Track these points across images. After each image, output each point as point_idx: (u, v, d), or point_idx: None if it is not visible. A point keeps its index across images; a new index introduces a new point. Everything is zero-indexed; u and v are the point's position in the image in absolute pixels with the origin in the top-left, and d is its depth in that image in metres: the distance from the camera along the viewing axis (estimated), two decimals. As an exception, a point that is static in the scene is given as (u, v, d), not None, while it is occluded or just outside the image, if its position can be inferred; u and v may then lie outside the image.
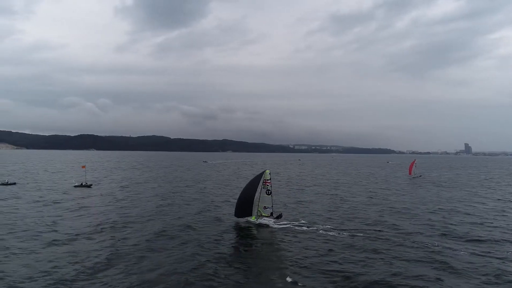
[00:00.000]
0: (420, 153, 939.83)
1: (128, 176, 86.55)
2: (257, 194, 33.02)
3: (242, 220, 34.02)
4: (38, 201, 44.63)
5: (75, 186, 60.20)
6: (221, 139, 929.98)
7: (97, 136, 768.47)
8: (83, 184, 61.16)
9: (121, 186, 62.93)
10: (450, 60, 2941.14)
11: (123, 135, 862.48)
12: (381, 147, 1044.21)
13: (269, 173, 33.37)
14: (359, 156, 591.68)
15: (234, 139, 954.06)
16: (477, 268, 21.71)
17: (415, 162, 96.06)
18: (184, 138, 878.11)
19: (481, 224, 34.76)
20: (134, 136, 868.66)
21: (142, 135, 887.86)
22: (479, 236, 29.48)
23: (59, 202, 44.52)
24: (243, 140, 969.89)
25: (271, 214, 33.35)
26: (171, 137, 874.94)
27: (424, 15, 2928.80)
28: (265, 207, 33.43)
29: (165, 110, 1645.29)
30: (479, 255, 24.39)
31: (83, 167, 72.50)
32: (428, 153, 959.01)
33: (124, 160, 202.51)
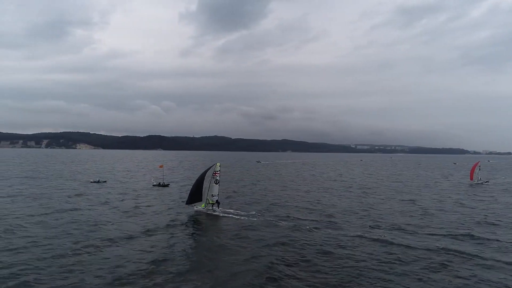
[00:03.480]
0: (500, 153, 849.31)
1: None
2: (205, 184, 36.39)
3: (192, 209, 36.83)
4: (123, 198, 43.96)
5: (154, 185, 59.58)
6: (280, 139, 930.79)
7: (163, 136, 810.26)
8: (161, 183, 60.30)
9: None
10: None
11: (187, 135, 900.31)
12: (452, 147, 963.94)
13: (219, 166, 36.97)
14: (426, 156, 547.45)
15: (293, 139, 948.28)
16: None
17: (479, 164, 75.12)
18: (244, 138, 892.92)
19: None
20: (197, 136, 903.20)
21: (205, 135, 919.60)
22: None
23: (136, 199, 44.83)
24: (302, 140, 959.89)
25: (217, 201, 36.63)
26: (232, 137, 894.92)
27: (503, 1, 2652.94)
28: (212, 195, 36.60)
29: (224, 111, 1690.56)
30: None
31: (161, 166, 72.06)
32: (510, 153, 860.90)
33: (190, 160, 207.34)
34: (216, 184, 36.67)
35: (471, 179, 74.07)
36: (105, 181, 65.78)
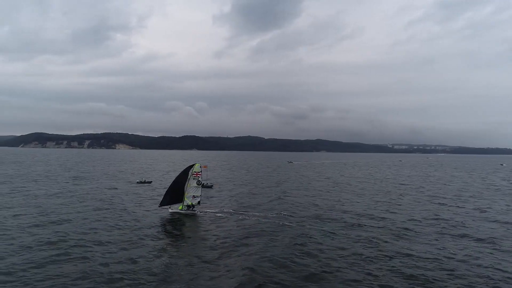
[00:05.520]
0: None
1: (233, 176, 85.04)
2: (186, 185, 35.70)
3: (167, 211, 35.70)
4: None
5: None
6: (314, 139, 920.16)
7: (198, 136, 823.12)
8: (206, 184, 59.44)
9: (239, 185, 60.15)
10: None
11: (220, 135, 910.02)
12: (499, 147, 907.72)
13: (199, 166, 36.86)
14: (469, 157, 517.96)
15: (327, 139, 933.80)
16: None
17: None
18: (277, 138, 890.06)
19: None
20: (231, 136, 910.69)
21: (238, 135, 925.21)
22: None
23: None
24: (337, 140, 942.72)
25: (199, 202, 36.27)
26: (265, 137, 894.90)
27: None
28: (194, 197, 35.98)
29: (257, 111, 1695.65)
30: None
31: (205, 167, 70.95)
32: None
33: (224, 159, 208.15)
34: (199, 185, 36.37)
35: None
36: (150, 182, 66.19)
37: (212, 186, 59.90)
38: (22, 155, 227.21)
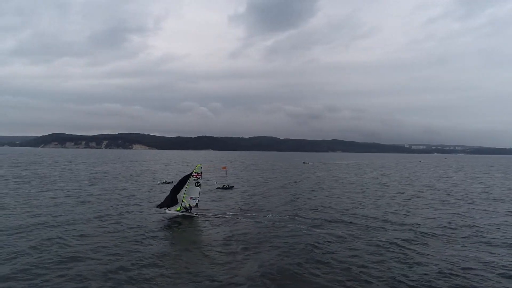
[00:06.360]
0: None
1: (247, 176, 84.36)
2: (183, 188, 34.81)
3: (163, 211, 35.05)
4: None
5: (217, 188, 58.63)
6: (330, 139, 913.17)
7: (213, 137, 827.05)
8: (225, 186, 59.30)
9: (251, 186, 59.50)
10: None
11: (235, 136, 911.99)
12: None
13: (201, 167, 35.34)
14: (490, 157, 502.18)
15: (343, 139, 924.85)
16: None
17: None
18: (292, 138, 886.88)
19: None
20: (246, 137, 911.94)
21: (253, 135, 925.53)
22: None
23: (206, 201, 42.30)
24: (352, 140, 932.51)
25: (196, 204, 35.20)
26: (280, 138, 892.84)
27: None
28: (192, 198, 34.99)
29: (272, 111, 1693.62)
30: None
31: (224, 168, 70.57)
32: None
33: (240, 160, 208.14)
34: (197, 186, 35.29)
35: None
36: (171, 182, 66.18)
37: (233, 187, 59.50)
38: (45, 155, 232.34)
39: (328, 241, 26.44)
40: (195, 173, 35.19)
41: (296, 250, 24.12)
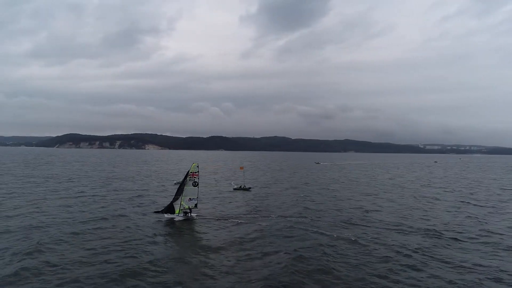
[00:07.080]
0: None
1: (259, 176, 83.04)
2: (181, 196, 33.35)
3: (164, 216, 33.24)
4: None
5: (235, 189, 57.41)
6: (342, 139, 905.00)
7: (225, 137, 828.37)
8: (242, 187, 58.05)
9: (261, 187, 58.10)
10: None
11: (247, 136, 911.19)
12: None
13: (197, 166, 33.81)
14: (507, 157, 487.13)
15: (356, 139, 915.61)
16: None
17: None
18: (305, 138, 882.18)
19: None
20: (257, 137, 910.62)
21: (264, 136, 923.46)
22: None
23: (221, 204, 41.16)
24: (366, 140, 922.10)
25: (195, 205, 33.82)
26: (292, 138, 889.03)
27: None
28: (190, 199, 33.52)
29: (284, 111, 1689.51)
30: None
31: (241, 168, 69.28)
32: None
33: (252, 160, 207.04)
34: (195, 186, 33.78)
35: None
36: None
37: (250, 188, 58.16)
38: (60, 155, 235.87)
39: (340, 247, 25.02)
40: (192, 172, 33.64)
41: (305, 256, 22.76)
